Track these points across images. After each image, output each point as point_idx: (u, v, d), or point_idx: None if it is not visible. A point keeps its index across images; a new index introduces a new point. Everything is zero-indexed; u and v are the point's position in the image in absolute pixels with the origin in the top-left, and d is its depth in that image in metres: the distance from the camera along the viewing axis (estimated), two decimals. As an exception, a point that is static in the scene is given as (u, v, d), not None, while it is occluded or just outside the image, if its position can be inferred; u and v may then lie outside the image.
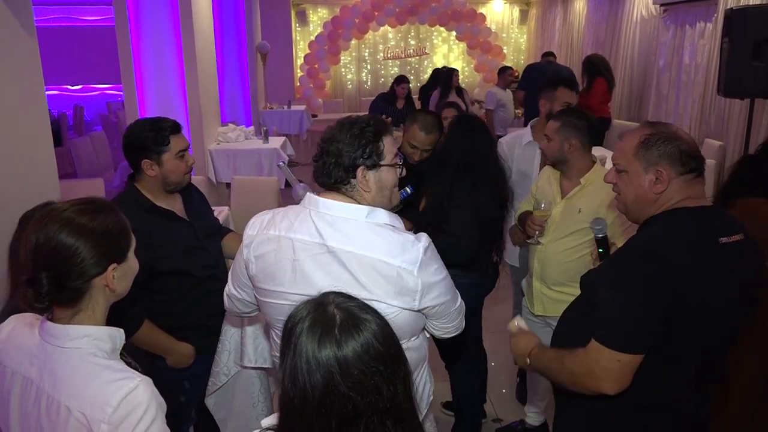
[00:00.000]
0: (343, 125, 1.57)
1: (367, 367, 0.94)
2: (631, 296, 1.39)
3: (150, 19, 5.04)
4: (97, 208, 1.25)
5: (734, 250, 1.43)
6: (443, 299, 1.58)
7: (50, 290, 1.17)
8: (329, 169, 1.54)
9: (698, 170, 1.48)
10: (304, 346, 0.96)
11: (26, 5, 2.51)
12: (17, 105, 2.45)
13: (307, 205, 1.57)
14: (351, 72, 12.19)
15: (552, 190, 2.52)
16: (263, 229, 1.59)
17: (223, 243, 2.31)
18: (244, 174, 5.61)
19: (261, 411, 2.22)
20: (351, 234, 1.50)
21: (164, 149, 2.02)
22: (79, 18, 11.10)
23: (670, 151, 1.46)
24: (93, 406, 1.15)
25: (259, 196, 4.55)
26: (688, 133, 1.54)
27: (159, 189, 2.08)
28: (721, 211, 1.56)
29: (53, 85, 10.83)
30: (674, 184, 1.47)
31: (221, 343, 2.15)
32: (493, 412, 3.20)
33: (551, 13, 10.96)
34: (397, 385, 0.96)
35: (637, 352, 1.39)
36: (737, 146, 5.32)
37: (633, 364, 1.39)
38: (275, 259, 1.55)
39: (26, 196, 2.38)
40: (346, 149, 1.53)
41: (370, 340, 0.96)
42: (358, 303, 1.03)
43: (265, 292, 1.60)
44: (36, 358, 1.23)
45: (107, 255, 1.23)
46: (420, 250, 1.50)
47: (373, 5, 10.50)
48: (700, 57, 6.33)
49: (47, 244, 1.17)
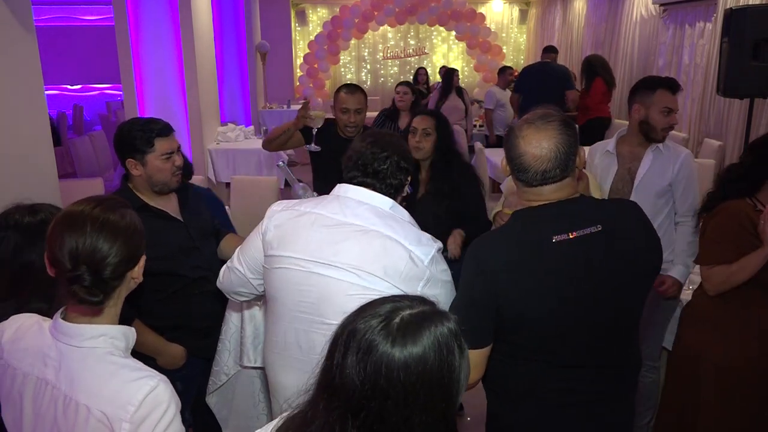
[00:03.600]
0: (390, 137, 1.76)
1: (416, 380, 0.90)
2: (465, 307, 1.48)
3: (149, 19, 5.04)
4: (118, 205, 1.27)
5: (569, 246, 1.43)
6: (441, 300, 1.58)
7: (94, 282, 1.18)
8: (393, 169, 1.66)
9: (531, 182, 1.47)
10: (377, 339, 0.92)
11: (26, 5, 2.51)
12: (17, 105, 2.45)
13: (336, 191, 1.69)
14: (351, 72, 12.19)
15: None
16: (290, 205, 1.71)
17: (221, 246, 2.28)
18: (244, 174, 5.61)
19: (262, 410, 2.22)
20: (372, 217, 1.60)
21: (148, 150, 2.00)
22: (79, 18, 11.10)
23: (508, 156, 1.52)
24: (114, 405, 1.15)
25: (258, 196, 4.54)
26: (542, 146, 1.44)
27: (148, 189, 2.07)
28: (574, 205, 1.50)
29: (53, 84, 10.82)
30: (520, 188, 1.53)
31: (221, 342, 2.15)
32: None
33: (551, 12, 10.97)
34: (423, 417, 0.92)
35: (476, 347, 1.46)
36: (737, 146, 5.33)
37: (481, 355, 1.50)
38: (293, 227, 1.64)
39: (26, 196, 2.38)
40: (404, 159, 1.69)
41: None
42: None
43: (275, 259, 1.65)
44: (50, 359, 1.22)
45: (138, 249, 1.27)
46: (434, 248, 1.60)
47: (373, 5, 10.50)
48: (699, 57, 6.33)
49: (87, 245, 1.18)
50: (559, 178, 1.47)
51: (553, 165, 1.45)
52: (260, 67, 8.82)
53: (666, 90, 2.49)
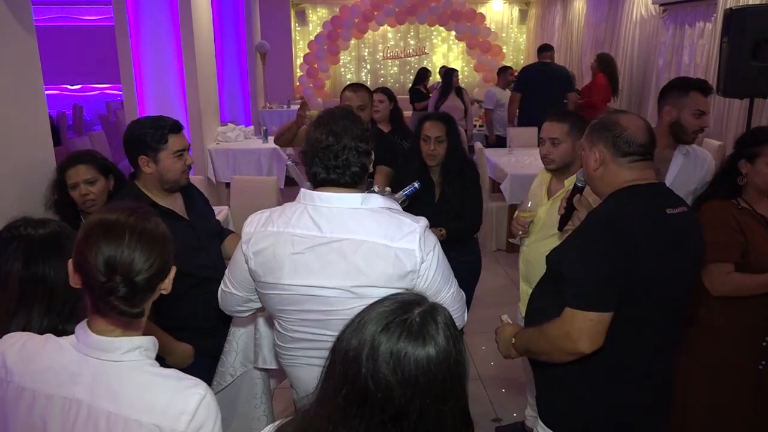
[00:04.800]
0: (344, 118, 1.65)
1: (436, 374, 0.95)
2: (592, 262, 1.56)
3: (149, 19, 5.04)
4: (150, 214, 1.23)
5: (679, 219, 1.63)
6: (438, 278, 1.62)
7: (129, 293, 1.12)
8: (353, 158, 1.60)
9: (641, 155, 1.65)
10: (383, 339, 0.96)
11: (26, 5, 2.51)
12: (17, 105, 2.45)
13: (303, 201, 1.62)
14: (350, 72, 12.19)
15: (541, 192, 2.52)
16: (261, 226, 1.63)
17: (224, 245, 2.31)
18: (244, 174, 5.62)
19: (263, 412, 2.22)
20: (348, 222, 1.56)
21: (161, 147, 2.03)
22: (79, 18, 11.09)
23: (605, 136, 1.67)
24: (168, 417, 1.13)
25: (258, 196, 4.54)
26: (642, 122, 1.69)
27: (157, 187, 2.08)
28: (665, 188, 1.75)
29: (53, 84, 10.81)
30: (614, 165, 1.66)
31: (228, 343, 2.15)
32: (492, 412, 3.20)
33: (551, 12, 10.96)
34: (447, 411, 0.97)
35: (605, 310, 1.54)
36: (737, 146, 5.33)
37: (603, 321, 1.54)
38: (274, 254, 1.59)
39: (26, 196, 2.38)
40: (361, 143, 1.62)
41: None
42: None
43: (267, 285, 1.64)
44: (81, 377, 1.16)
45: (170, 260, 1.23)
46: (419, 229, 1.57)
47: (373, 5, 10.49)
48: (699, 57, 6.33)
49: (125, 255, 1.13)
50: (651, 156, 1.67)
51: (650, 139, 1.66)
52: (260, 67, 8.82)
53: (699, 92, 2.47)
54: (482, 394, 3.36)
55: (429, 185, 2.76)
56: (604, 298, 1.54)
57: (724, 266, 2.13)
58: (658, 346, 1.68)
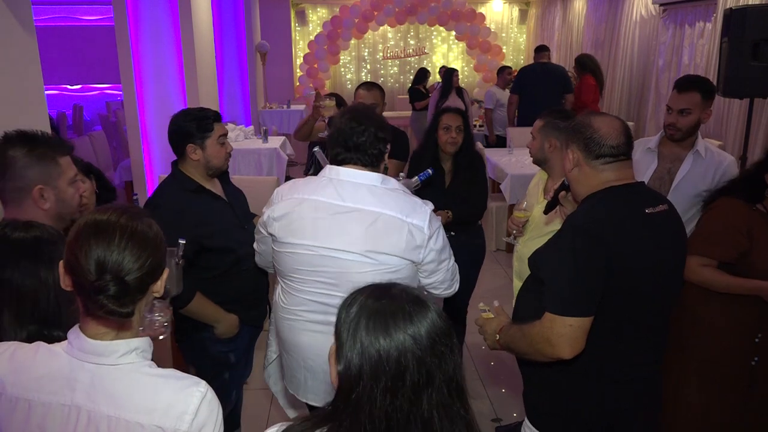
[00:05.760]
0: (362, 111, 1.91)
1: (437, 338, 1.01)
2: (570, 267, 1.56)
3: (149, 19, 5.04)
4: (142, 214, 1.20)
5: (660, 218, 1.64)
6: (441, 254, 1.85)
7: (119, 293, 1.11)
8: (372, 140, 1.83)
9: (613, 156, 1.64)
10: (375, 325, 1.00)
11: (26, 5, 2.51)
12: (17, 105, 2.45)
13: (329, 175, 1.84)
14: (350, 72, 12.19)
15: (538, 191, 2.55)
16: (287, 194, 1.86)
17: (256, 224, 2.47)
18: (244, 174, 5.62)
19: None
20: (368, 196, 1.77)
21: (208, 135, 2.20)
22: (79, 17, 11.09)
23: (578, 138, 1.68)
24: (170, 417, 1.13)
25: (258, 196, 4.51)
26: (618, 123, 1.67)
27: (201, 173, 2.25)
28: (644, 187, 1.75)
29: (53, 84, 10.82)
30: (587, 167, 1.66)
31: (270, 332, 2.27)
32: (492, 411, 3.20)
33: (551, 12, 10.97)
34: (456, 357, 1.03)
35: (584, 315, 1.53)
36: (736, 146, 5.33)
37: (583, 326, 1.53)
38: (297, 217, 1.81)
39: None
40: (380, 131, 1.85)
41: (434, 317, 1.03)
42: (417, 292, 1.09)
43: (286, 245, 1.85)
44: (78, 383, 1.15)
45: (163, 261, 1.21)
46: (428, 211, 1.81)
47: (373, 5, 10.49)
48: (699, 57, 6.33)
49: (115, 254, 1.11)
50: (628, 156, 1.66)
51: (625, 140, 1.64)
52: (260, 67, 8.82)
53: (675, 89, 2.59)
54: (482, 394, 3.36)
55: (440, 173, 3.04)
56: (583, 302, 1.54)
57: (702, 260, 2.13)
58: (641, 346, 1.67)
